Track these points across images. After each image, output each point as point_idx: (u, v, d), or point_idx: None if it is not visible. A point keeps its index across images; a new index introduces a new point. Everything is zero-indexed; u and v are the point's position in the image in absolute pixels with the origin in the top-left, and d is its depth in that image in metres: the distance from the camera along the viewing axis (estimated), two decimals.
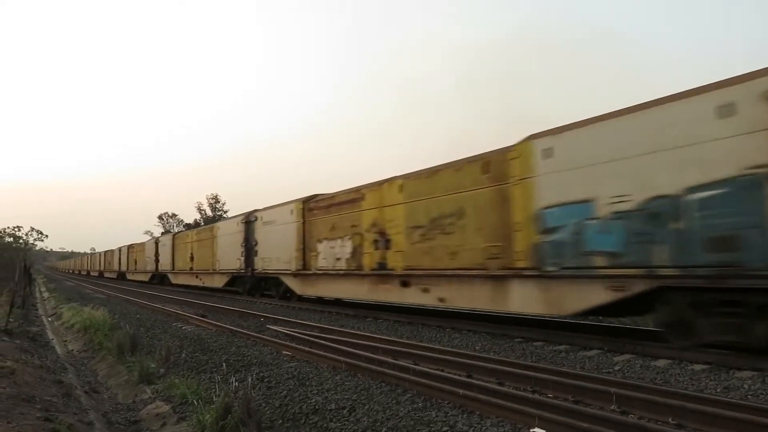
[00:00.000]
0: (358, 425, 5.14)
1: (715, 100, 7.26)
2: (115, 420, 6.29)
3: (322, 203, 16.74)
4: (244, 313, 15.36)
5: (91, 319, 13.37)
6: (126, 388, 7.67)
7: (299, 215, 17.86)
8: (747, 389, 6.01)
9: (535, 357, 8.11)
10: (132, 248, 46.36)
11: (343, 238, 15.30)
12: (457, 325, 11.36)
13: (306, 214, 17.57)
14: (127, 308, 18.44)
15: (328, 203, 16.36)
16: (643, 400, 5.28)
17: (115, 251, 52.71)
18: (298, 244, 17.61)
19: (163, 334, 11.64)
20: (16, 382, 6.36)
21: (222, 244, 24.89)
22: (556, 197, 9.33)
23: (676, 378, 6.60)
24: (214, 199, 78.27)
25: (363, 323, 12.84)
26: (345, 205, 15.47)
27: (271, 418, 5.50)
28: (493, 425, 4.98)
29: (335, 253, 15.63)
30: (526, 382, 6.32)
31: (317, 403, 5.85)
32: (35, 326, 14.62)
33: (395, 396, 6.06)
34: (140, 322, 13.69)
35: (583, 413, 4.94)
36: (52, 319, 18.38)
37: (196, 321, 14.02)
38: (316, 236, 16.80)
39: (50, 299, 26.97)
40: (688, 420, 4.86)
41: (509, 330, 10.37)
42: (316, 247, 16.72)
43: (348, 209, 15.26)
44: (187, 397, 6.18)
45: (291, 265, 18.00)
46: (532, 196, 9.76)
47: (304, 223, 17.55)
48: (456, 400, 5.68)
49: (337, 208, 15.90)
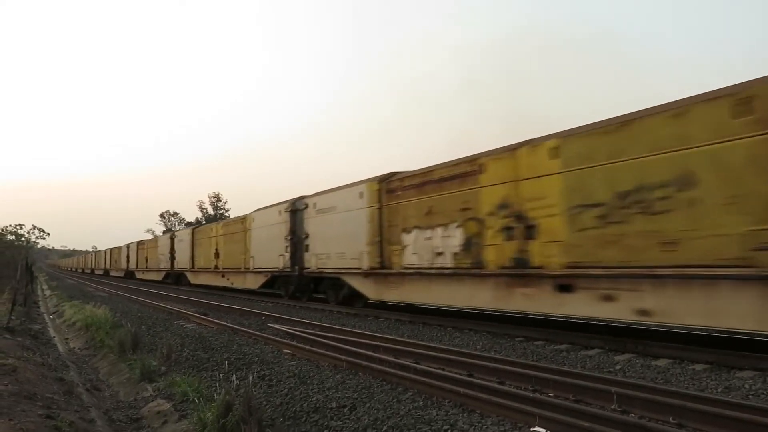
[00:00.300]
0: (359, 423, 5.15)
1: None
2: (116, 417, 6.30)
3: (411, 181, 12.89)
4: (246, 312, 15.38)
5: (92, 317, 13.40)
6: (127, 385, 7.68)
7: (373, 199, 13.99)
8: (748, 389, 6.00)
9: (536, 356, 8.11)
10: (142, 245, 43.03)
11: (447, 226, 11.47)
12: (458, 325, 11.36)
13: (384, 196, 13.71)
14: (128, 306, 18.48)
15: (421, 181, 12.48)
16: (644, 399, 5.28)
17: (123, 248, 49.10)
18: (372, 235, 13.87)
19: (165, 332, 11.66)
20: (17, 380, 6.37)
21: (258, 237, 20.95)
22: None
23: (677, 377, 6.60)
24: (216, 198, 78.44)
25: (364, 322, 12.84)
26: (449, 182, 11.56)
27: (272, 416, 5.51)
28: (493, 424, 4.99)
29: (434, 246, 11.83)
30: (527, 381, 6.32)
31: (318, 402, 5.86)
32: (37, 324, 14.66)
33: (396, 394, 6.07)
34: (142, 320, 13.71)
35: (583, 412, 4.94)
36: (53, 316, 18.42)
37: (197, 319, 14.04)
38: (400, 225, 12.95)
39: (52, 297, 27.01)
40: (688, 420, 4.86)
41: (510, 329, 10.37)
42: (400, 238, 12.93)
43: (455, 187, 11.37)
44: (188, 394, 6.19)
45: (361, 263, 14.29)
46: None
47: (381, 208, 13.71)
48: (457, 399, 5.68)
49: (435, 186, 12.00)
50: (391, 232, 13.40)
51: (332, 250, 15.72)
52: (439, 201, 11.82)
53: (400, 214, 13.10)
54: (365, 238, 14.15)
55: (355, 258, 14.53)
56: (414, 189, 12.73)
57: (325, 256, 16.11)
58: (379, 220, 13.78)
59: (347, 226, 14.96)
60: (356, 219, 14.60)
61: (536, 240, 9.61)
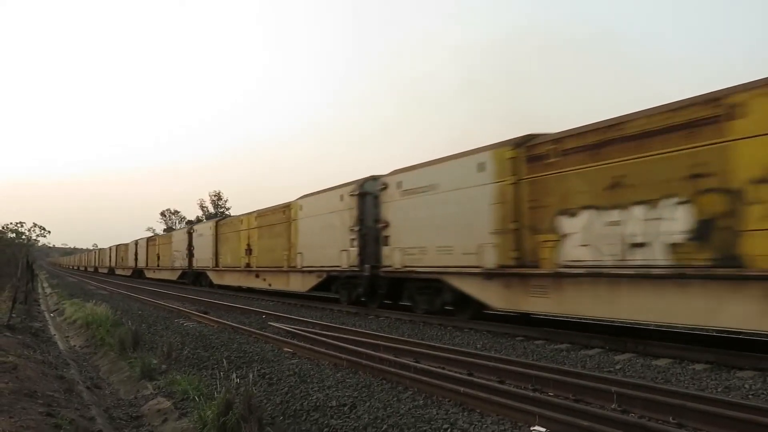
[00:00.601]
0: (359, 422, 5.15)
1: None
2: (116, 415, 6.31)
3: (576, 142, 9.09)
4: (246, 310, 15.39)
5: (93, 315, 13.40)
6: (128, 384, 7.69)
7: (504, 170, 10.25)
8: (748, 389, 6.00)
9: (536, 355, 8.11)
10: (153, 241, 39.47)
11: (654, 204, 7.87)
12: (458, 324, 11.36)
13: (524, 166, 9.99)
14: (129, 304, 18.49)
15: (599, 140, 8.71)
16: (644, 399, 5.28)
17: (131, 245, 45.82)
18: (503, 221, 10.22)
19: (165, 331, 11.67)
20: (18, 378, 6.38)
21: (308, 229, 17.25)
22: None
23: (677, 377, 6.60)
24: (217, 197, 78.44)
25: (364, 321, 12.85)
26: (662, 138, 7.85)
27: (272, 414, 5.51)
28: (493, 423, 4.99)
29: (626, 235, 8.22)
30: (527, 381, 6.33)
31: (318, 400, 5.86)
32: (37, 322, 14.68)
33: (396, 393, 6.07)
34: (142, 319, 13.72)
35: (583, 412, 4.94)
36: (54, 314, 18.43)
37: (197, 318, 14.05)
38: (555, 205, 9.34)
39: (52, 295, 27.04)
40: (688, 419, 4.86)
41: (510, 329, 10.37)
42: (554, 224, 9.33)
43: (674, 143, 7.70)
44: (188, 393, 6.20)
45: (480, 259, 10.59)
46: None
47: (519, 183, 10.01)
48: (457, 398, 5.68)
49: (629, 146, 8.26)
50: (537, 215, 9.67)
51: (429, 242, 11.99)
52: (639, 167, 8.06)
53: (555, 189, 9.38)
54: (489, 226, 10.41)
55: (470, 253, 10.82)
56: (584, 153, 8.92)
57: (417, 251, 12.34)
58: (515, 200, 10.03)
59: (457, 210, 11.20)
60: (473, 200, 10.82)
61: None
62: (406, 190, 12.96)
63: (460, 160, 11.50)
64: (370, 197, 14.60)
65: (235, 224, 24.26)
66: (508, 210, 10.15)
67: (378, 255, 13.89)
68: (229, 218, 26.86)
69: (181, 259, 30.65)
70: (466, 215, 11.04)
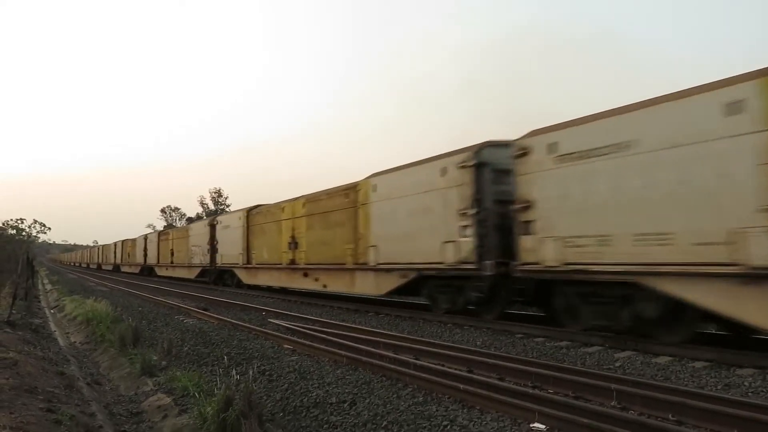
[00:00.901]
0: (359, 419, 5.16)
1: None
2: (116, 411, 6.31)
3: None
4: (246, 307, 15.40)
5: (93, 312, 13.41)
6: (128, 380, 7.70)
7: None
8: (748, 386, 6.01)
9: (536, 353, 8.12)
10: (166, 235, 35.45)
11: None
12: (458, 321, 11.36)
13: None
14: (129, 301, 18.51)
15: None
16: (644, 396, 5.29)
17: (139, 240, 42.63)
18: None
19: (165, 327, 11.68)
20: (18, 374, 6.38)
21: (388, 215, 13.44)
22: None
23: (677, 375, 6.61)
24: (217, 194, 78.39)
25: (364, 318, 12.85)
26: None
27: (272, 410, 5.52)
28: (493, 420, 5.00)
29: None
30: (527, 378, 6.33)
31: (318, 397, 5.87)
32: (38, 318, 14.68)
33: (396, 390, 6.08)
34: (142, 315, 13.74)
35: (583, 409, 4.95)
36: (54, 311, 18.44)
37: (198, 314, 14.06)
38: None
39: (53, 291, 27.06)
40: (688, 417, 4.87)
41: (510, 326, 10.37)
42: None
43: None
44: (188, 389, 6.20)
45: (735, 252, 6.97)
46: None
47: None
48: (456, 395, 5.69)
49: None
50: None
51: (617, 228, 8.37)
52: None
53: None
54: (754, 200, 6.82)
55: (713, 243, 7.18)
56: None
57: (591, 242, 8.71)
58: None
59: (680, 177, 7.63)
60: (715, 160, 7.26)
61: None
62: (565, 155, 9.16)
63: (686, 101, 7.69)
64: (489, 169, 11.02)
65: (273, 213, 20.35)
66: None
67: (509, 247, 10.25)
68: (265, 206, 21.89)
69: (201, 255, 27.11)
70: (700, 184, 7.40)
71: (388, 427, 4.93)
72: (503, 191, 10.71)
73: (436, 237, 11.73)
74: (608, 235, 8.53)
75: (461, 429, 4.80)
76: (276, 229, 19.72)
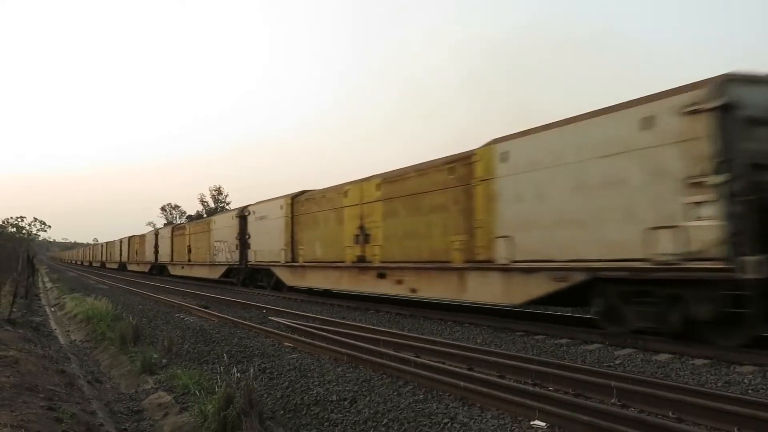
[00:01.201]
0: (359, 416, 5.16)
1: None
2: (117, 409, 6.33)
3: None
4: (246, 305, 15.41)
5: (93, 310, 13.43)
6: (128, 378, 7.71)
7: None
8: (748, 384, 6.01)
9: (537, 350, 8.12)
10: (181, 230, 31.89)
11: None
12: (459, 318, 11.36)
13: None
14: (129, 299, 18.52)
15: None
16: (644, 393, 5.29)
17: (148, 236, 39.28)
18: None
19: (166, 325, 11.69)
20: (19, 372, 6.39)
21: (533, 192, 9.67)
22: None
23: (677, 372, 6.61)
24: (217, 191, 78.35)
25: (365, 315, 12.86)
26: None
27: (272, 408, 5.53)
28: (493, 417, 5.00)
29: None
30: (527, 375, 6.34)
31: (318, 395, 5.88)
32: (38, 316, 14.69)
33: (396, 388, 6.09)
34: (143, 313, 13.74)
35: (583, 406, 4.95)
36: (54, 309, 18.46)
37: (198, 312, 14.07)
38: None
39: (53, 289, 27.07)
40: (688, 414, 4.87)
41: (511, 323, 10.38)
42: None
43: None
44: (189, 387, 6.22)
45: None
46: None
47: None
48: (457, 393, 5.70)
49: None
50: None
51: None
52: None
53: None
54: None
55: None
56: None
57: None
58: None
59: None
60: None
61: None
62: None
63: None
64: (739, 116, 7.15)
65: (330, 199, 16.41)
66: None
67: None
68: (317, 191, 17.80)
69: (228, 251, 23.45)
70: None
71: (388, 424, 4.94)
72: (764, 151, 7.16)
73: (634, 221, 8.01)
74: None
75: (462, 427, 4.81)
76: (335, 219, 15.91)
